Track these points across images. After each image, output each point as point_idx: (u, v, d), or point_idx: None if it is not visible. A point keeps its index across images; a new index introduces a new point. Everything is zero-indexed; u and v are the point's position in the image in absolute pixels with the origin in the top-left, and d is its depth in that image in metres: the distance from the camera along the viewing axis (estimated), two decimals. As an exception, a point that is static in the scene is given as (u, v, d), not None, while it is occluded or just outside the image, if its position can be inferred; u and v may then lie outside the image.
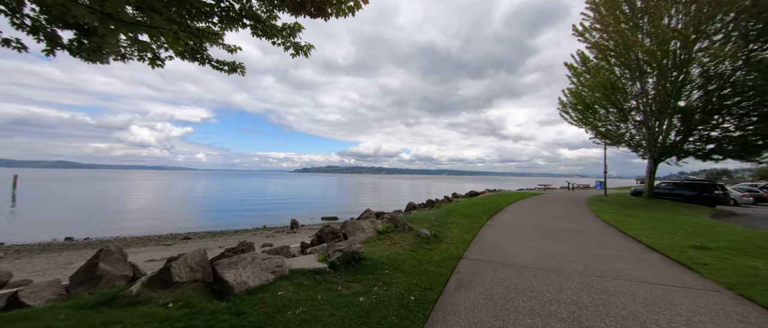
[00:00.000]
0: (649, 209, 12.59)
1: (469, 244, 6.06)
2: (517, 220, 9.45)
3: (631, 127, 17.91)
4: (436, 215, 9.65)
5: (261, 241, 16.01)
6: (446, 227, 7.74)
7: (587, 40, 17.05)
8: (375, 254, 4.91)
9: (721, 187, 17.75)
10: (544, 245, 5.91)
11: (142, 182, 77.32)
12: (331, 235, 5.77)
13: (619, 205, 14.16)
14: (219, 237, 17.91)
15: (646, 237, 6.50)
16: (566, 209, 12.87)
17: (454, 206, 13.39)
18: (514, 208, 12.97)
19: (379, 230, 6.24)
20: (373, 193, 48.89)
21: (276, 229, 20.07)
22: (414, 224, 7.77)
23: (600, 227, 8.13)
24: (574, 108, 18.76)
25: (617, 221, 8.89)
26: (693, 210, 13.40)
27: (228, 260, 3.73)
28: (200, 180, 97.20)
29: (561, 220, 9.39)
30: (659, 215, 10.55)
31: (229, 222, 21.25)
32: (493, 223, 8.88)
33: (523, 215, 10.53)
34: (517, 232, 7.40)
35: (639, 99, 16.13)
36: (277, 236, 17.40)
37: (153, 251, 13.79)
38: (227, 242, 16.39)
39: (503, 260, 4.94)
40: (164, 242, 16.72)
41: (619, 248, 5.78)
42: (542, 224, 8.49)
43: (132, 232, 18.12)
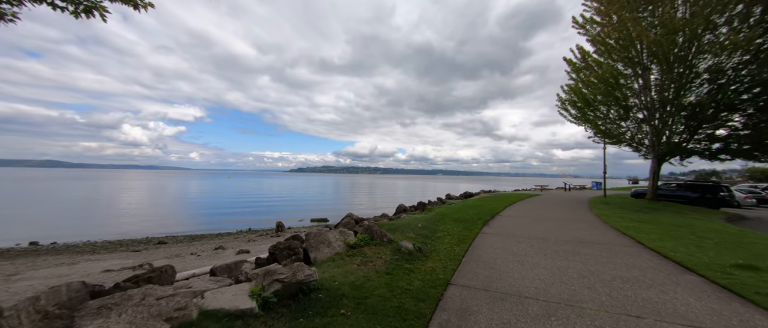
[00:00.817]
0: (657, 213, 11.60)
1: (460, 261, 4.90)
2: (516, 227, 8.33)
3: (632, 125, 17.01)
4: (425, 221, 8.49)
5: (240, 246, 14.73)
6: (435, 238, 6.57)
7: (588, 31, 16.07)
8: (336, 280, 3.73)
9: (726, 188, 16.92)
10: (553, 264, 4.77)
11: (130, 181, 74.96)
12: (287, 251, 4.55)
13: (625, 208, 13.15)
14: (196, 242, 16.62)
15: (671, 251, 5.41)
16: (569, 212, 11.82)
17: (446, 210, 12.25)
18: (512, 212, 11.88)
19: (350, 243, 5.05)
20: (366, 193, 47.71)
21: (260, 232, 18.87)
22: (396, 233, 6.59)
23: (613, 236, 7.04)
24: (574, 105, 17.79)
25: (630, 228, 7.82)
26: (702, 214, 12.45)
27: (100, 302, 2.50)
28: (192, 180, 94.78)
29: (567, 227, 8.30)
30: (671, 220, 9.53)
31: (213, 224, 20.02)
32: (489, 230, 7.75)
33: (522, 221, 9.42)
34: (517, 243, 6.26)
35: (642, 96, 15.20)
36: (259, 239, 16.19)
37: (116, 259, 12.45)
38: (202, 247, 15.12)
39: (504, 287, 3.79)
40: (135, 247, 15.41)
41: (646, 266, 4.67)
42: (546, 233, 7.38)
43: (105, 235, 16.89)
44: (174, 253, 13.53)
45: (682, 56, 12.44)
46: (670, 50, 12.07)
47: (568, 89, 17.89)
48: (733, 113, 13.23)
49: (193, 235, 18.00)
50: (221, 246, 14.51)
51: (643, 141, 16.98)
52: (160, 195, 37.82)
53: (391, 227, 7.09)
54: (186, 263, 10.85)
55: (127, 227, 18.92)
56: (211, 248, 14.39)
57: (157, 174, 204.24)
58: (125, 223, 20.17)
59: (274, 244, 4.65)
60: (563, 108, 18.37)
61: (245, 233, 18.94)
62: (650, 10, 13.21)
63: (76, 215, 22.71)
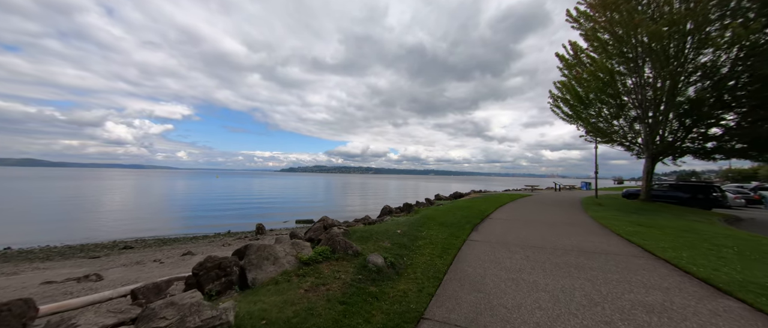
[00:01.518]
0: (655, 215, 10.92)
1: (441, 280, 3.92)
2: (508, 232, 7.42)
3: (624, 123, 16.45)
4: (408, 226, 7.49)
5: (212, 250, 13.54)
6: (414, 247, 5.57)
7: (581, 25, 15.41)
8: (266, 316, 2.69)
9: (719, 188, 16.54)
10: (555, 283, 3.83)
11: (111, 181, 71.58)
12: (215, 272, 3.47)
13: (620, 210, 12.48)
14: (167, 246, 15.30)
15: (691, 264, 4.56)
16: (563, 214, 11.03)
17: (433, 212, 11.32)
18: (503, 214, 11.01)
19: (304, 258, 4.00)
20: (355, 194, 46.59)
21: (239, 235, 17.68)
22: (368, 242, 5.57)
23: (617, 244, 6.18)
24: (566, 103, 17.14)
25: (632, 233, 7.00)
26: (700, 215, 11.87)
27: None
28: (178, 180, 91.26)
29: (563, 232, 7.43)
30: (673, 224, 8.81)
31: (191, 227, 18.66)
32: (478, 237, 6.81)
33: (515, 225, 8.52)
34: (510, 254, 5.32)
35: (636, 92, 14.61)
36: (235, 243, 15.05)
37: (67, 267, 11.07)
38: (170, 252, 13.84)
39: (495, 321, 2.82)
40: (96, 252, 14.02)
41: (668, 286, 3.78)
42: (542, 240, 6.49)
43: (68, 239, 15.48)
44: (135, 260, 12.24)
45: (679, 50, 11.84)
46: (668, 44, 11.44)
47: (561, 86, 17.24)
48: (727, 111, 12.73)
49: (165, 238, 16.71)
50: (190, 252, 13.26)
51: (635, 140, 16.45)
52: (140, 196, 35.79)
53: (365, 235, 6.06)
54: (143, 272, 9.63)
55: (96, 230, 17.47)
56: (178, 254, 13.13)
57: (142, 174, 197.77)
58: (95, 225, 18.66)
59: (201, 262, 3.56)
60: (556, 106, 17.70)
61: (223, 236, 17.75)
62: (647, 3, 12.57)
63: (43, 217, 20.97)
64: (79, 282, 8.66)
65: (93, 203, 28.53)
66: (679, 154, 15.70)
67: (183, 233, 17.88)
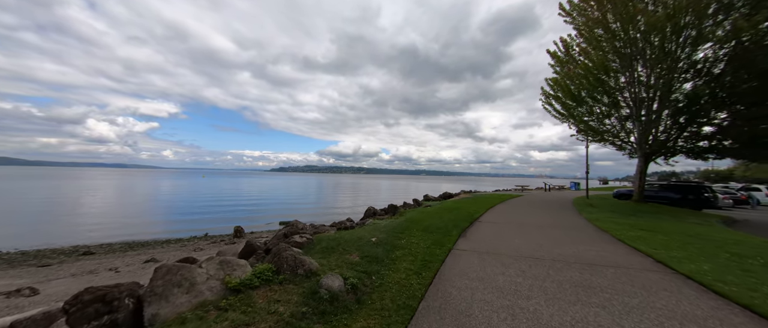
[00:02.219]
0: (652, 218, 10.31)
1: (415, 311, 2.98)
2: (500, 239, 6.56)
3: (616, 123, 15.96)
4: (387, 231, 6.54)
5: (180, 256, 12.37)
6: (389, 260, 4.61)
7: (574, 19, 14.81)
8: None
9: (710, 189, 16.25)
10: (563, 314, 2.93)
11: (89, 181, 67.81)
12: (97, 306, 2.44)
13: (614, 211, 11.87)
14: (132, 251, 13.93)
15: (717, 280, 3.76)
16: (557, 216, 10.29)
17: (418, 214, 10.42)
18: (494, 216, 10.19)
19: (234, 283, 2.99)
20: (344, 194, 45.42)
21: (216, 238, 16.40)
22: (332, 255, 4.58)
23: (624, 254, 5.37)
24: (558, 100, 16.55)
25: (637, 239, 6.24)
26: (697, 217, 11.35)
27: None
28: (162, 179, 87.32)
29: (561, 238, 6.62)
30: (675, 227, 8.15)
31: (167, 230, 17.24)
32: (465, 245, 5.91)
33: (507, 229, 7.68)
34: (503, 268, 4.44)
35: (629, 90, 14.08)
36: (209, 248, 13.81)
37: (7, 278, 9.66)
38: (133, 259, 12.52)
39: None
40: (50, 258, 12.58)
41: (705, 316, 2.93)
42: (539, 248, 5.64)
43: (22, 244, 13.96)
44: (89, 268, 10.90)
45: (676, 45, 11.29)
46: (665, 36, 10.87)
47: (553, 84, 16.63)
48: (722, 109, 12.28)
49: (135, 242, 15.31)
50: (154, 258, 11.98)
51: (627, 139, 15.98)
52: (116, 196, 33.54)
53: (331, 245, 5.06)
54: (92, 283, 8.37)
55: (59, 233, 15.86)
56: (141, 261, 11.85)
57: (124, 173, 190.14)
58: (60, 229, 17.00)
59: (76, 293, 2.51)
60: (547, 103, 17.10)
61: (199, 239, 16.46)
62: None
63: (3, 219, 19.08)
64: (9, 297, 7.40)
65: (63, 204, 26.47)
66: (671, 153, 15.30)
67: (156, 236, 16.49)
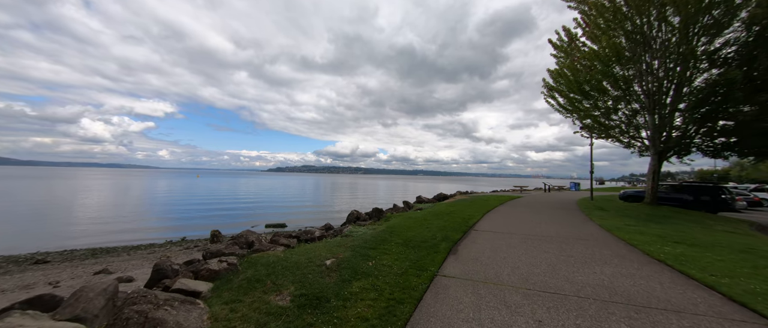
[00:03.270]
0: (676, 225, 8.84)
1: None
2: (501, 257, 5.03)
3: (622, 118, 14.50)
4: (351, 250, 5.00)
5: (140, 264, 10.81)
6: (336, 301, 3.05)
7: (579, 4, 13.33)
8: None
9: (727, 190, 14.87)
10: None
11: (78, 180, 65.11)
12: None
13: (627, 216, 10.41)
14: (93, 259, 12.30)
15: None
16: (565, 222, 8.79)
17: (404, 220, 8.88)
18: (492, 223, 8.67)
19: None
20: (338, 195, 43.75)
21: (190, 243, 14.76)
22: (248, 295, 3.00)
23: (675, 284, 3.87)
24: (561, 93, 15.07)
25: (680, 259, 4.75)
26: (724, 223, 9.91)
27: None
28: (155, 180, 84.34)
29: (579, 255, 5.12)
30: (713, 238, 6.69)
31: (141, 234, 15.51)
32: (454, 268, 4.38)
33: (508, 242, 6.16)
34: (510, 313, 2.91)
35: (642, 79, 12.63)
36: (180, 255, 12.27)
37: None
38: (85, 269, 10.85)
39: None
40: None
41: None
42: (553, 273, 4.14)
43: None
44: (29, 282, 9.26)
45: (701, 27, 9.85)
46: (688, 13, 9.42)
47: (556, 75, 15.15)
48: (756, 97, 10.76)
49: (101, 248, 13.70)
50: (106, 269, 10.34)
51: (636, 135, 14.53)
52: (101, 197, 31.32)
53: (262, 273, 3.51)
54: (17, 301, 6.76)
55: (23, 238, 14.14)
56: (91, 272, 10.23)
57: (118, 173, 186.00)
58: (25, 233, 15.27)
59: None
60: (550, 96, 15.64)
61: (176, 244, 14.88)
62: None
63: None
64: None
65: (39, 206, 24.55)
66: (685, 151, 13.88)
67: (128, 242, 14.83)
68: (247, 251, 4.43)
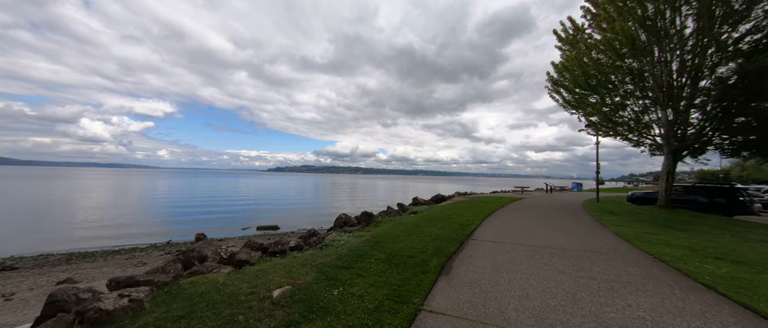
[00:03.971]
0: (698, 231, 7.83)
1: None
2: (505, 279, 4.01)
3: (631, 114, 13.46)
4: (317, 271, 3.99)
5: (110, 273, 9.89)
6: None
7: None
8: None
9: (745, 191, 13.84)
10: None
11: (73, 181, 63.95)
12: None
13: (643, 221, 9.40)
14: (66, 265, 11.57)
15: None
16: (576, 230, 7.76)
17: (392, 228, 7.87)
18: (493, 230, 7.65)
19: None
20: (335, 195, 42.76)
21: (175, 247, 13.91)
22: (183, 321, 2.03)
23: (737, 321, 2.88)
24: (567, 88, 14.06)
25: (733, 284, 3.75)
26: (755, 229, 8.88)
27: None
28: (153, 180, 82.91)
29: (605, 277, 4.10)
30: (748, 250, 5.68)
31: (126, 237, 14.41)
32: (446, 300, 3.34)
33: (513, 257, 5.14)
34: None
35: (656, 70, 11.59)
36: (162, 259, 11.37)
37: None
38: (50, 278, 9.98)
39: None
40: None
41: None
42: (576, 306, 3.12)
43: None
44: None
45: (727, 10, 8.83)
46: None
47: (561, 68, 14.13)
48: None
49: (78, 253, 13.08)
50: (71, 278, 9.37)
51: (647, 133, 13.49)
52: (94, 198, 30.05)
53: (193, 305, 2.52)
54: None
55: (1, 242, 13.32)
56: (55, 281, 9.27)
57: (117, 173, 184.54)
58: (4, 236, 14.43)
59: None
60: (555, 91, 14.62)
61: (158, 248, 14.04)
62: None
63: None
64: None
65: (31, 206, 23.50)
66: (701, 150, 12.84)
67: (109, 245, 13.87)
68: (184, 273, 3.43)
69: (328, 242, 7.76)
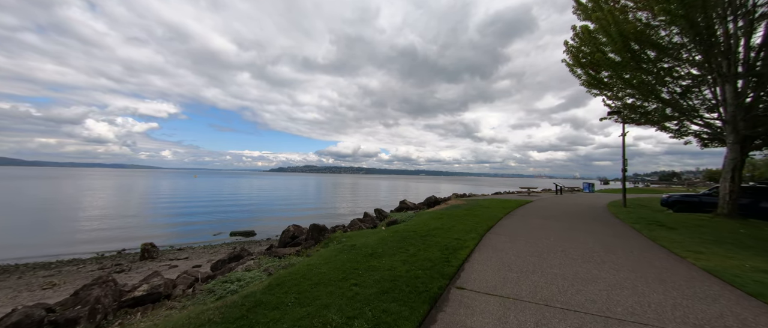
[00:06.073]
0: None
1: None
2: None
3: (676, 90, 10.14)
4: None
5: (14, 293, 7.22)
6: None
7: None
8: None
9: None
10: None
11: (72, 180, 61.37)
12: None
13: (722, 241, 6.25)
14: None
15: None
16: (640, 267, 4.55)
17: (334, 256, 4.79)
18: (496, 264, 4.50)
19: None
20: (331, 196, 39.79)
21: (125, 258, 11.11)
22: None
23: None
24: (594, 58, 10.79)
25: None
26: None
27: None
28: (151, 180, 79.80)
29: None
30: None
31: (75, 245, 11.99)
32: None
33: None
34: None
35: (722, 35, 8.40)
36: (89, 276, 8.82)
37: None
38: None
39: None
40: None
41: None
42: None
43: None
44: None
45: None
46: None
47: (585, 36, 10.90)
48: None
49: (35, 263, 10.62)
50: None
51: (696, 115, 10.23)
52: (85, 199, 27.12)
53: None
54: None
55: None
56: None
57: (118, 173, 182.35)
58: None
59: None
60: (576, 66, 11.43)
61: (110, 257, 11.19)
62: None
63: None
64: None
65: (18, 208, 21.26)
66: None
67: (51, 255, 11.04)
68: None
69: (226, 280, 4.75)
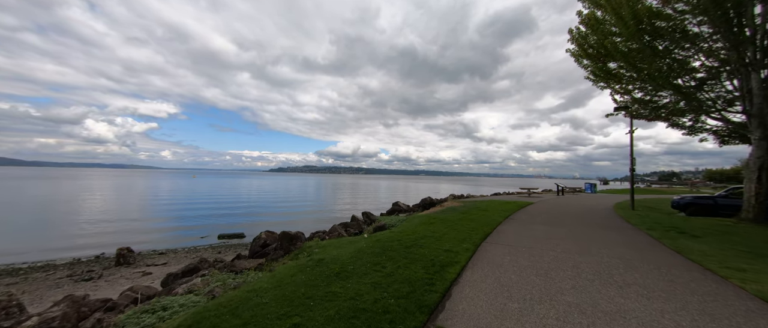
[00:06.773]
0: None
1: None
2: None
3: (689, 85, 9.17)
4: None
5: None
6: None
7: None
8: None
9: None
10: None
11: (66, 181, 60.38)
12: None
13: (758, 253, 5.29)
14: None
15: None
16: (676, 294, 3.61)
17: (295, 274, 3.79)
18: (493, 287, 3.50)
19: None
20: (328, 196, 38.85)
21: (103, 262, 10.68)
22: None
23: None
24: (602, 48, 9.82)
25: None
26: None
27: None
28: (149, 180, 78.70)
29: None
30: None
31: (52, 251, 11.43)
32: None
33: None
34: None
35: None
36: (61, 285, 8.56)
37: None
38: None
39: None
40: None
41: None
42: None
43: None
44: None
45: None
46: None
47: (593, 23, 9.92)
48: None
49: None
50: None
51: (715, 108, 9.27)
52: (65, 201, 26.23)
53: None
54: None
55: None
56: None
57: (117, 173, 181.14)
58: None
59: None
60: (581, 54, 10.45)
61: (86, 262, 10.73)
62: None
63: None
64: None
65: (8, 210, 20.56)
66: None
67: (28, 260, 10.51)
68: None
69: (151, 308, 3.77)
